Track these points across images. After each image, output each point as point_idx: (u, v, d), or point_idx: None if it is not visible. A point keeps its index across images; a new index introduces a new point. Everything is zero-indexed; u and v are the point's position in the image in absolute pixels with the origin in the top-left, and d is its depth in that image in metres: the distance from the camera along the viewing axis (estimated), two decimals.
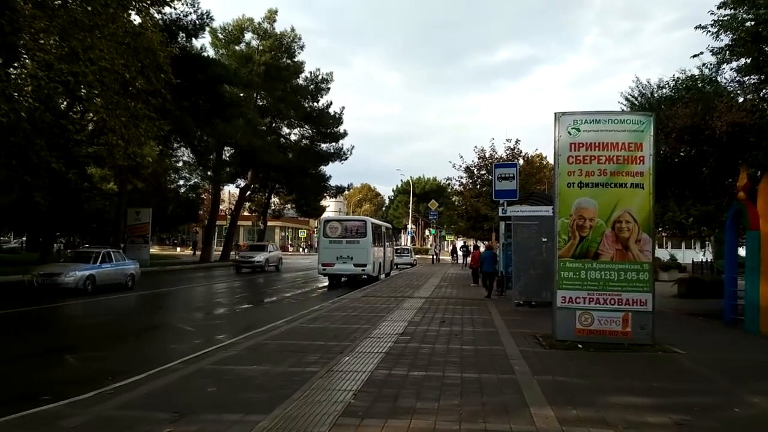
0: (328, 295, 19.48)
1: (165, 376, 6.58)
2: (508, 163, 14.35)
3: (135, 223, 34.84)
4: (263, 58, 39.38)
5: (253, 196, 49.57)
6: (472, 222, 30.28)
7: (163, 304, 17.40)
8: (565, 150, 9.29)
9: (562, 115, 9.38)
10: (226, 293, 20.67)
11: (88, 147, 29.94)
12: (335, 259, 22.72)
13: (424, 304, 15.02)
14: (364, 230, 23.42)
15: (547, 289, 14.62)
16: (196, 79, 31.19)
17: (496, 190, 14.36)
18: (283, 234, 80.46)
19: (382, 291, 19.18)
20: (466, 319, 12.15)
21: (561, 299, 9.18)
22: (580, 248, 9.14)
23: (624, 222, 9.07)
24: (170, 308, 16.14)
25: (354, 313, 12.76)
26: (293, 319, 11.75)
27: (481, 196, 29.27)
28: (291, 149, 46.03)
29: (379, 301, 15.55)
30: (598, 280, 9.08)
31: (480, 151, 29.68)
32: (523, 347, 8.69)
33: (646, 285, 9.06)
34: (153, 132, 26.16)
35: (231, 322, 12.94)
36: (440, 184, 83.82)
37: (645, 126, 9.19)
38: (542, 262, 14.74)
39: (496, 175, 14.38)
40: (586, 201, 9.16)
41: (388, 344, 8.74)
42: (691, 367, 7.76)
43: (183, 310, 15.53)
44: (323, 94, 46.02)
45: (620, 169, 9.14)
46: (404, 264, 41.23)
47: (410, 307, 14.35)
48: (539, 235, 14.71)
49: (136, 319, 14.00)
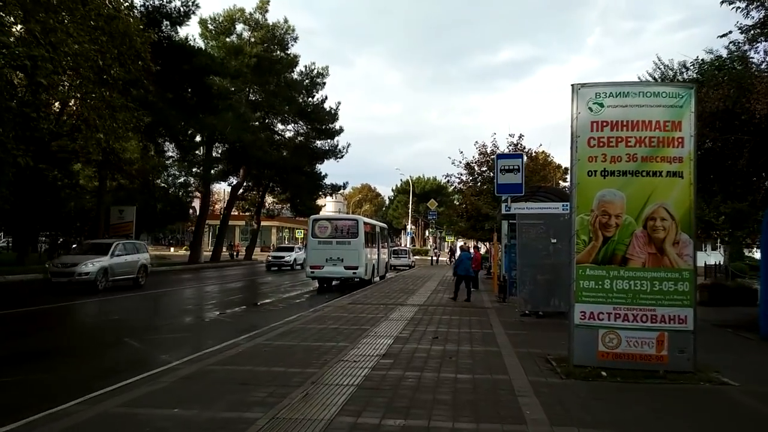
0: (313, 300, 17.72)
1: (46, 426, 4.82)
2: (512, 154, 12.57)
3: (118, 222, 33.05)
4: (254, 50, 37.65)
5: (246, 194, 47.83)
6: (473, 222, 28.47)
7: (120, 314, 15.63)
8: (585, 130, 7.51)
9: (582, 88, 7.60)
10: (200, 299, 18.90)
11: (67, 140, 28.35)
12: (324, 261, 21.09)
13: (416, 314, 13.26)
14: (355, 230, 21.79)
15: (556, 297, 12.90)
16: (181, 70, 29.46)
17: (499, 185, 12.57)
18: (280, 234, 78.67)
19: (373, 297, 17.42)
20: (464, 333, 10.37)
21: (580, 315, 7.41)
22: (604, 252, 7.37)
23: (658, 219, 7.30)
24: (124, 319, 14.33)
25: (333, 326, 10.99)
26: (259, 334, 9.99)
27: (482, 194, 27.51)
28: (285, 146, 44.32)
29: (367, 310, 13.78)
30: (627, 291, 7.30)
31: (481, 147, 27.89)
32: (533, 376, 6.91)
33: (686, 298, 7.27)
34: (131, 124, 24.45)
35: (187, 337, 11.13)
36: (440, 184, 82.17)
37: (684, 100, 7.41)
38: (551, 266, 13.00)
39: (498, 167, 12.59)
40: (611, 193, 7.39)
41: (364, 371, 6.98)
42: (756, 407, 5.99)
43: (138, 320, 13.71)
44: (319, 89, 44.38)
45: (654, 153, 7.36)
46: (401, 266, 39.52)
47: (400, 317, 12.58)
48: (547, 235, 12.94)
49: (56, 336, 12.25)
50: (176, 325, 12.63)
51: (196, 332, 11.63)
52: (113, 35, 22.73)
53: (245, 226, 57.88)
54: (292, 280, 26.82)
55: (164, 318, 13.90)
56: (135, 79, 26.63)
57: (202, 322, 13.21)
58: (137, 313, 15.03)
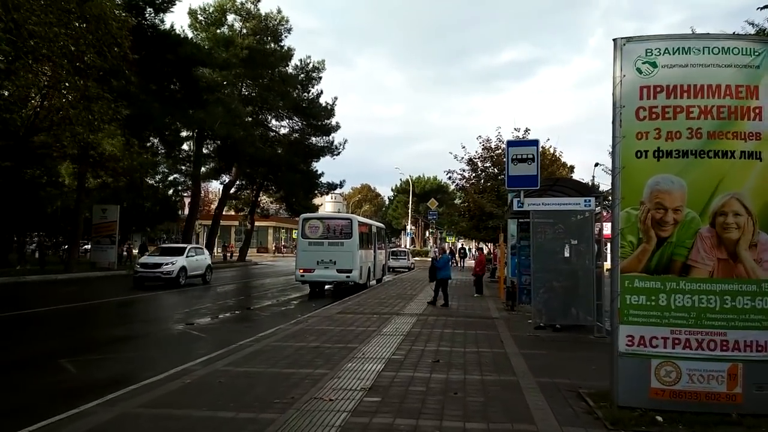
0: (300, 308, 15.98)
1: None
2: (525, 141, 10.81)
3: (101, 221, 31.30)
4: (246, 41, 35.90)
5: (239, 193, 46.09)
6: (476, 221, 26.67)
7: (48, 329, 13.82)
8: (631, 98, 5.74)
9: (628, 43, 5.83)
10: (173, 307, 17.13)
11: (45, 135, 26.62)
12: (315, 263, 19.54)
13: (414, 326, 11.49)
14: (349, 230, 20.20)
15: (575, 308, 11.15)
16: (165, 60, 27.75)
17: (510, 177, 10.79)
18: (276, 235, 76.91)
19: (366, 304, 15.65)
20: (470, 354, 8.59)
21: (626, 340, 5.62)
22: (659, 257, 5.60)
23: (731, 214, 5.54)
24: (49, 337, 12.54)
25: (314, 343, 9.23)
26: (222, 355, 8.22)
27: (485, 191, 25.74)
28: (279, 143, 42.57)
29: (357, 321, 12.02)
30: (689, 309, 5.54)
31: (484, 141, 26.14)
32: (568, 426, 5.13)
33: (766, 318, 5.52)
34: (108, 115, 22.71)
35: (131, 358, 9.31)
36: (441, 184, 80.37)
37: (762, 59, 5.65)
38: (569, 271, 11.27)
39: (509, 156, 10.80)
40: (667, 180, 5.63)
41: (340, 417, 5.21)
42: None
43: (68, 332, 11.93)
44: (314, 83, 42.67)
45: (723, 127, 5.60)
46: (400, 268, 37.71)
47: (395, 330, 10.81)
48: (565, 235, 11.19)
49: None
50: (129, 340, 10.84)
51: (145, 350, 9.80)
52: (87, 19, 21.04)
53: (239, 227, 56.06)
54: (285, 284, 25.05)
55: (119, 328, 12.12)
56: (115, 68, 24.91)
57: (162, 335, 11.43)
58: (66, 323, 13.26)
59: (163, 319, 14.00)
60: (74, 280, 24.82)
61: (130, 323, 13.20)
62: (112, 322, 13.56)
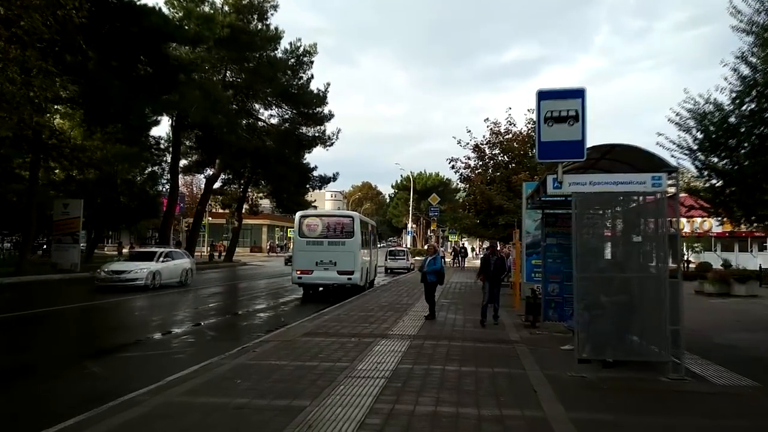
0: (261, 325, 12.63)
1: None
2: (566, 90, 7.35)
3: (62, 218, 27.85)
4: (228, 19, 32.46)
5: (225, 188, 42.72)
6: (483, 216, 23.29)
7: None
8: None
9: None
10: (97, 325, 13.82)
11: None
12: (314, 264, 17.98)
13: (405, 358, 8.12)
14: (351, 228, 18.44)
15: (635, 333, 7.77)
16: (129, 33, 24.32)
17: (542, 144, 7.38)
18: (270, 234, 73.54)
19: (349, 319, 12.28)
20: (491, 426, 5.21)
21: None
22: None
23: None
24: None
25: (242, 398, 5.84)
26: (73, 428, 4.87)
27: (494, 182, 22.38)
28: (268, 134, 39.13)
29: (326, 349, 8.63)
30: None
31: (493, 125, 22.77)
32: None
33: None
34: (52, 92, 19.42)
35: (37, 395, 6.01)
36: (443, 180, 76.96)
37: None
38: (625, 281, 7.86)
39: (542, 114, 7.38)
40: None
41: None
42: None
43: None
44: (306, 69, 39.16)
45: None
46: (399, 269, 34.28)
47: (376, 368, 7.43)
48: (624, 229, 7.80)
49: None
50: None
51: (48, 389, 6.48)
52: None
53: (226, 224, 52.68)
54: (261, 290, 21.70)
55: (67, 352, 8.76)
56: (68, 42, 21.74)
57: (80, 371, 8.06)
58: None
59: (65, 346, 10.64)
60: (22, 284, 21.51)
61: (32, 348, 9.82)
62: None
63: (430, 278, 12.79)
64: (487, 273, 12.05)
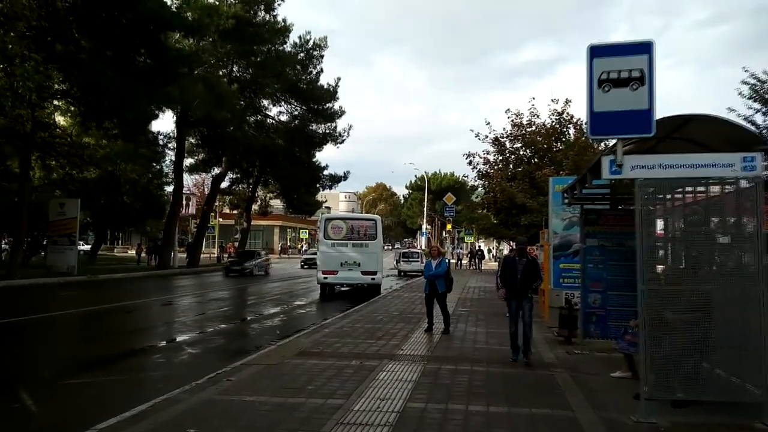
0: (255, 338, 10.99)
1: None
2: (627, 44, 5.57)
3: (59, 218, 26.43)
4: (232, 9, 30.92)
5: (233, 187, 41.27)
6: (503, 215, 21.46)
7: None
8: None
9: None
10: (108, 332, 12.26)
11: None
12: (339, 265, 18.87)
13: (415, 392, 6.38)
14: (374, 231, 19.59)
15: (713, 363, 5.97)
16: (125, 21, 22.88)
17: (596, 114, 5.64)
18: (283, 235, 72.13)
19: (351, 333, 10.56)
20: None
21: None
22: None
23: None
24: None
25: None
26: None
27: (515, 178, 20.56)
28: (277, 131, 37.56)
29: (317, 379, 6.91)
30: None
31: (515, 116, 20.94)
32: None
33: None
34: (35, 81, 18.03)
35: None
36: (458, 180, 74.95)
37: None
38: (692, 294, 6.07)
39: (594, 77, 5.66)
40: None
41: None
42: None
43: None
44: (316, 63, 37.55)
45: None
46: (413, 271, 32.49)
47: (379, 406, 5.69)
48: (702, 224, 6.01)
49: None
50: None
51: None
52: None
53: (235, 225, 51.24)
54: (259, 296, 20.11)
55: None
56: (58, 29, 20.40)
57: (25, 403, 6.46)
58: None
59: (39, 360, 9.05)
60: (9, 289, 20.14)
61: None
62: None
63: (440, 288, 10.99)
64: (512, 283, 8.33)
